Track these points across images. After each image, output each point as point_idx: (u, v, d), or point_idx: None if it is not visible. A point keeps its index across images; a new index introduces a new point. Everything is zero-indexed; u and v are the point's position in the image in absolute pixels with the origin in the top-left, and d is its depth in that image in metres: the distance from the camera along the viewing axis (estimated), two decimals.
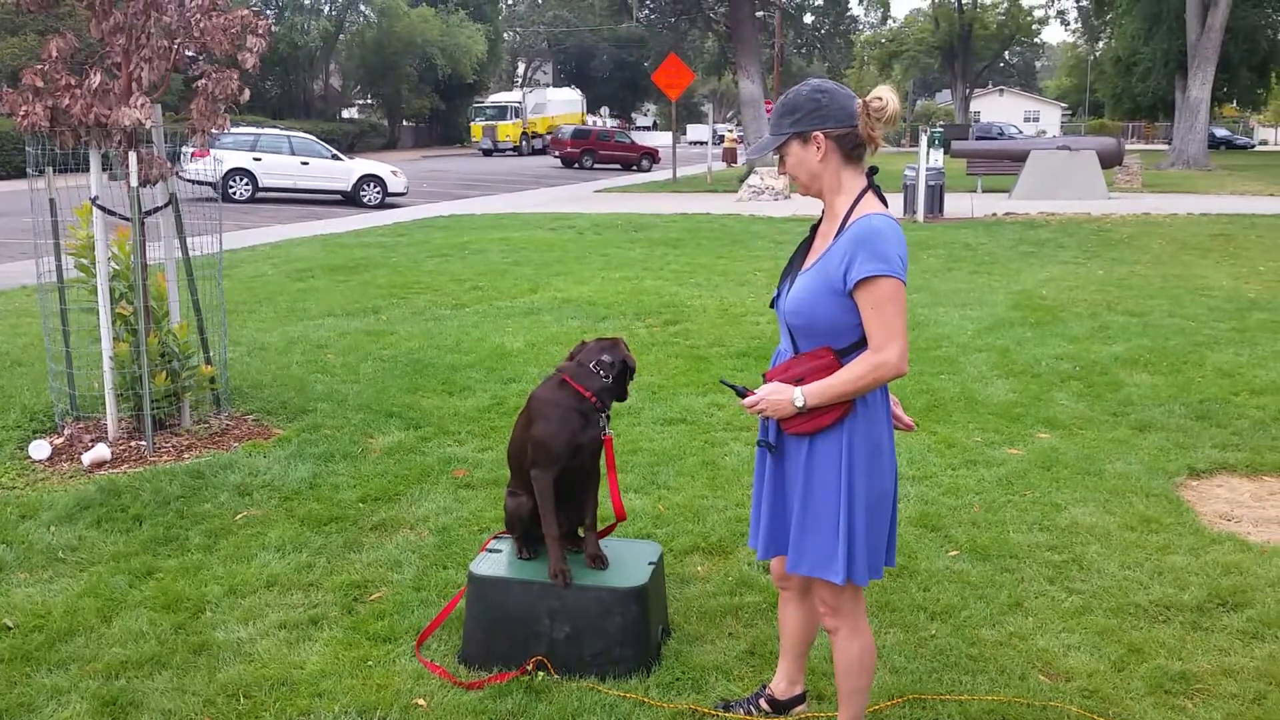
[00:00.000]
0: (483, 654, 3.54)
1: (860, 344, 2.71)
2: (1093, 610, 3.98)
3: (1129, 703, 3.37)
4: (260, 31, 5.70)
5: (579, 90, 66.88)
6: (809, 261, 2.81)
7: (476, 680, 3.45)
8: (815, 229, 2.88)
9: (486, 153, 55.40)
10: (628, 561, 3.66)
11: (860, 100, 2.70)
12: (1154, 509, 4.97)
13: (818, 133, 2.71)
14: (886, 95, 2.67)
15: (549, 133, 55.54)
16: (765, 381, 2.83)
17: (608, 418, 3.58)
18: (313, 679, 3.46)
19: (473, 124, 56.73)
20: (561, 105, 61.07)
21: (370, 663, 3.57)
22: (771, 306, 2.95)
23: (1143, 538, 4.64)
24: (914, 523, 4.80)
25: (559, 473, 3.51)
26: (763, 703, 3.25)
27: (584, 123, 59.14)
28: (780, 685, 3.26)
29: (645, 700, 3.34)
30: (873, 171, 2.82)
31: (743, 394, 2.87)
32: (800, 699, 3.26)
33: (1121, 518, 4.86)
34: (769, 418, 2.84)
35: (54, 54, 5.52)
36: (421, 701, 3.34)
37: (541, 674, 3.45)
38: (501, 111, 56.41)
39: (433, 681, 3.44)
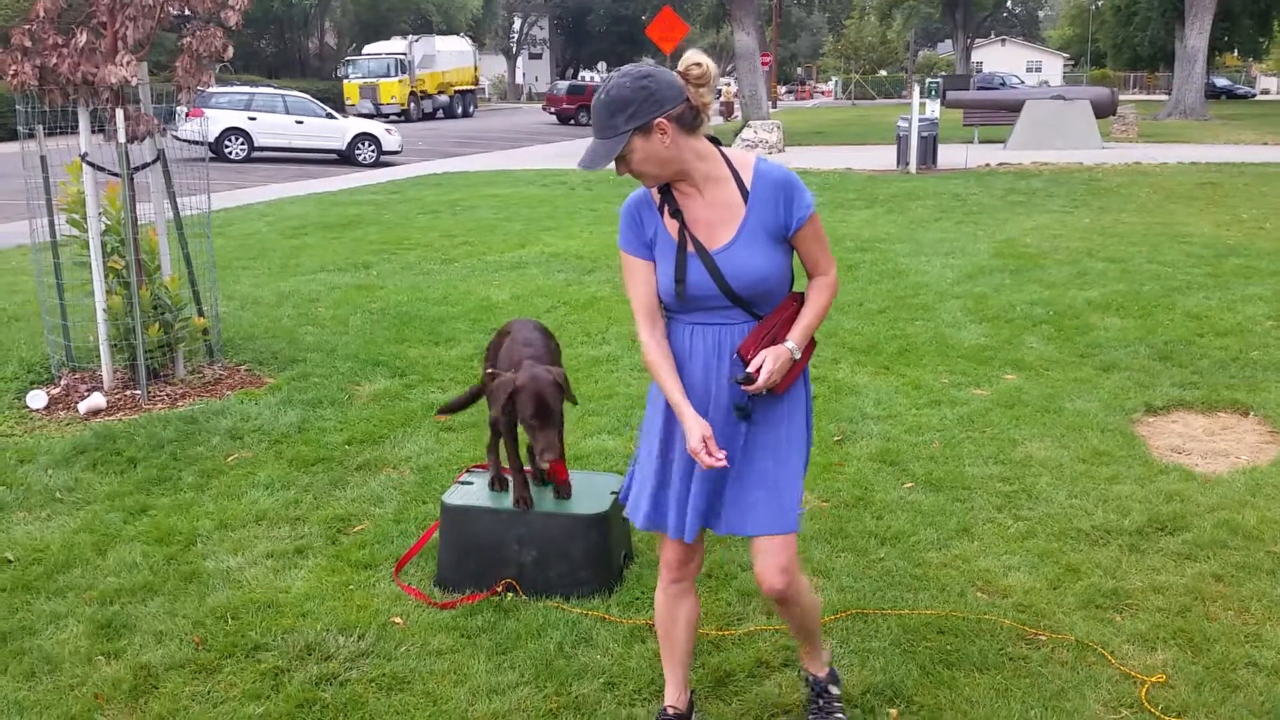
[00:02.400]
0: (456, 577, 3.77)
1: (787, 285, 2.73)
2: (1036, 535, 4.20)
3: (1060, 616, 3.59)
4: None
5: (470, 40, 55.79)
6: (722, 236, 2.64)
7: (450, 600, 3.68)
8: (674, 214, 2.67)
9: (368, 119, 37.48)
10: (592, 491, 3.88)
11: (679, 71, 2.59)
12: (1107, 443, 5.17)
13: (660, 119, 2.53)
14: (702, 59, 2.58)
15: (440, 92, 47.61)
16: (739, 357, 2.66)
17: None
18: (297, 601, 3.69)
19: (346, 83, 44.65)
20: (453, 58, 49.66)
21: (352, 586, 3.81)
22: (676, 298, 2.68)
23: (1093, 469, 4.86)
24: (874, 458, 5.01)
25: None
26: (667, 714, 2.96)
27: (476, 78, 52.33)
28: (680, 698, 2.97)
29: (606, 617, 3.57)
30: (720, 111, 2.68)
31: (750, 380, 2.61)
32: (693, 704, 3.04)
33: (1075, 451, 5.07)
34: (776, 383, 2.64)
35: (41, 14, 5.67)
36: (399, 620, 3.57)
37: (510, 595, 3.68)
38: (383, 67, 44.34)
39: (410, 602, 3.68)
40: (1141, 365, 6.45)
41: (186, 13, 6.19)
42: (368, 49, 48.26)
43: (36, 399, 5.86)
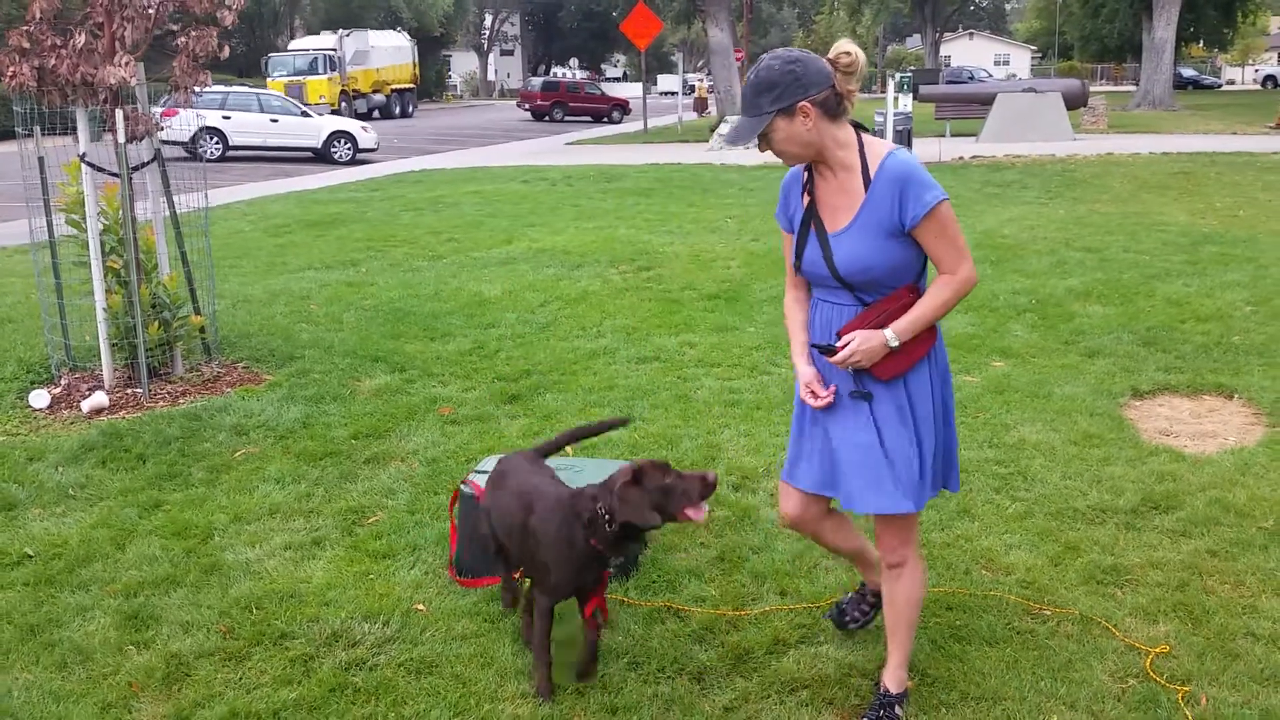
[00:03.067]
0: (473, 565, 3.84)
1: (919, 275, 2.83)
2: (1034, 515, 4.33)
3: (1063, 591, 3.72)
4: None
5: (407, 35, 51.26)
6: (840, 221, 2.79)
7: (471, 581, 3.76)
8: (809, 192, 2.87)
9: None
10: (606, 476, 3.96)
11: (828, 59, 2.72)
12: (1097, 426, 5.31)
13: (804, 103, 2.68)
14: (852, 48, 2.71)
15: (375, 90, 44.17)
16: (837, 341, 2.81)
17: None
18: (319, 591, 3.76)
19: (270, 80, 39.33)
20: (389, 54, 46.04)
21: (372, 576, 3.88)
22: (797, 272, 2.93)
23: (1085, 451, 4.99)
24: None
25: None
26: (870, 597, 3.38)
27: (415, 76, 48.50)
28: (875, 580, 3.33)
29: (625, 600, 3.66)
30: (859, 127, 2.81)
31: (832, 351, 2.79)
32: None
33: (1066, 435, 5.21)
34: (860, 366, 2.78)
35: (38, 15, 5.69)
36: (421, 607, 3.65)
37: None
38: (311, 64, 40.98)
39: (431, 589, 3.76)
40: (1126, 351, 6.60)
41: (179, 14, 6.22)
42: (294, 44, 45.05)
43: (39, 398, 5.88)
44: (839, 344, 2.78)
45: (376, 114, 43.44)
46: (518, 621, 3.53)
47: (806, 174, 2.88)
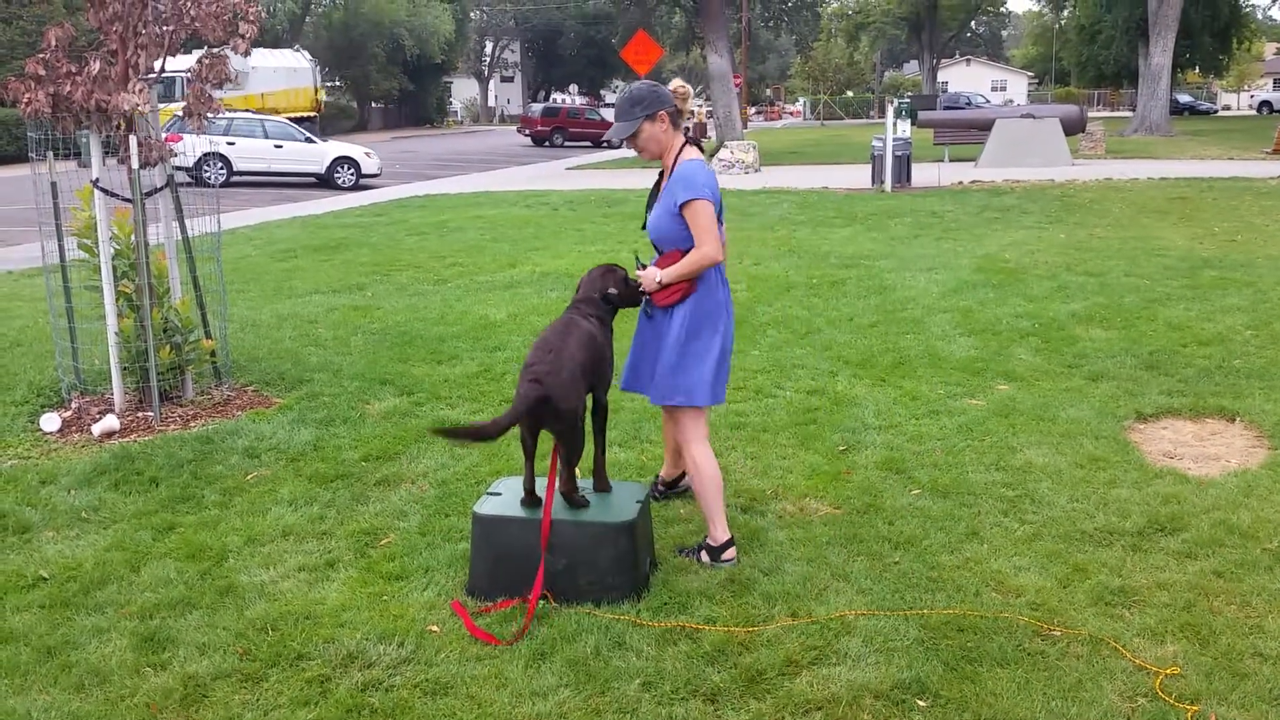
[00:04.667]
0: (488, 586, 3.88)
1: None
2: (1042, 537, 4.36)
3: (1072, 613, 3.75)
4: (252, 18, 5.96)
5: (307, 54, 45.59)
6: (656, 200, 4.19)
7: (484, 607, 3.79)
8: (661, 178, 4.20)
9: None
10: (618, 499, 4.01)
11: (669, 89, 4.16)
12: (1102, 449, 5.35)
13: (661, 111, 4.02)
14: (683, 84, 4.28)
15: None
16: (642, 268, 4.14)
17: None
18: (334, 612, 3.79)
19: None
20: (278, 77, 39.96)
21: (385, 597, 3.91)
22: (643, 229, 4.28)
23: (1090, 474, 5.03)
24: (880, 466, 5.17)
25: None
26: (658, 486, 4.75)
27: (317, 102, 42.81)
28: (665, 470, 4.76)
29: (637, 621, 3.69)
30: (694, 143, 4.14)
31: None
32: (681, 477, 4.71)
33: (1072, 457, 5.25)
34: (644, 291, 4.12)
35: (54, 43, 5.76)
36: (435, 628, 3.68)
37: (542, 601, 3.79)
38: (169, 87, 30.39)
39: (444, 610, 3.78)
40: (1129, 374, 6.65)
41: (190, 40, 6.30)
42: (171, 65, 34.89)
43: (50, 422, 5.92)
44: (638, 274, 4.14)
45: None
46: (530, 643, 3.56)
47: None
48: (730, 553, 4.15)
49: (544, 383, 3.77)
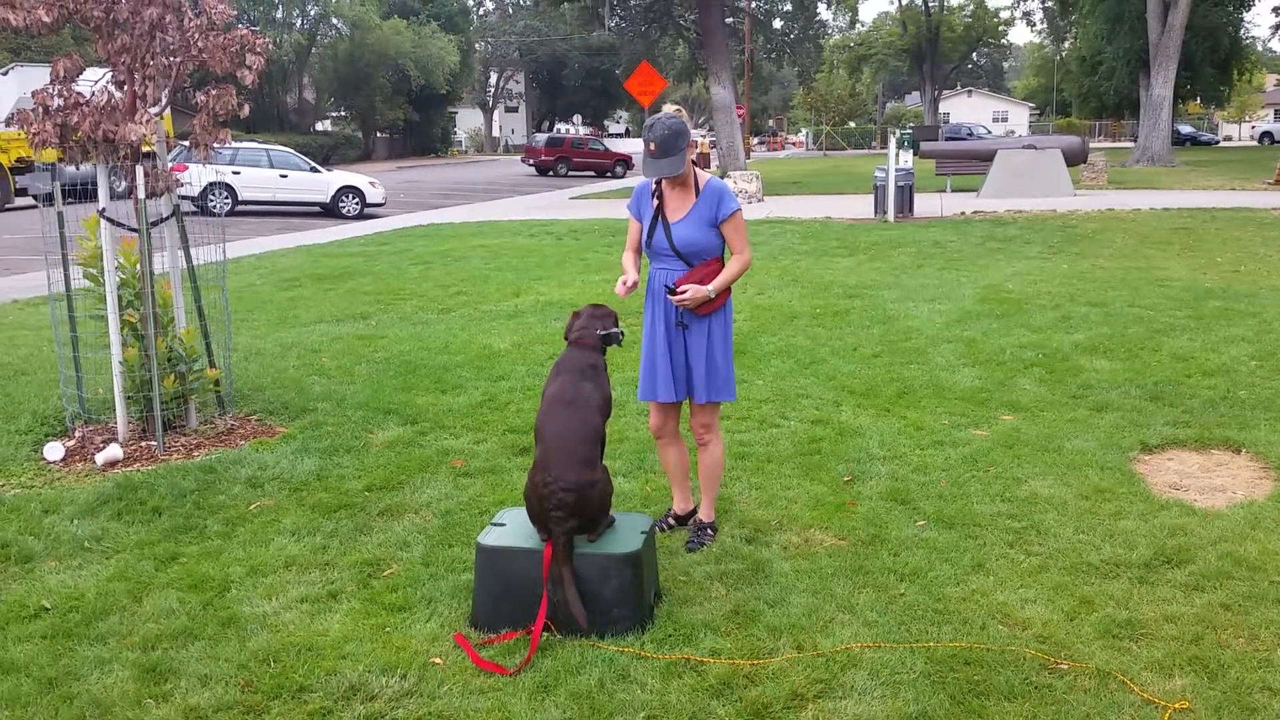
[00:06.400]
0: (491, 618, 3.86)
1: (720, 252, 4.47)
2: (1049, 569, 4.34)
3: (1079, 646, 3.72)
4: (259, 50, 6.01)
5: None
6: (677, 215, 4.41)
7: (487, 639, 3.77)
8: (658, 196, 4.46)
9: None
10: (622, 531, 3.99)
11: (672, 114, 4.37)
12: (1108, 480, 5.34)
13: (691, 139, 4.34)
14: (677, 105, 4.44)
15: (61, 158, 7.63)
16: (677, 288, 4.35)
17: None
18: (336, 644, 3.77)
19: None
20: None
21: (388, 629, 3.89)
22: (647, 248, 4.51)
23: (1096, 505, 5.01)
24: (885, 497, 5.15)
25: None
26: (670, 519, 4.83)
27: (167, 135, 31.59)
28: (680, 505, 4.85)
29: (642, 654, 3.67)
30: (697, 161, 4.40)
31: (673, 291, 4.34)
32: (694, 511, 4.84)
33: (1077, 489, 5.23)
34: (689, 308, 4.37)
35: (61, 74, 5.81)
36: (438, 660, 3.66)
37: (546, 633, 3.77)
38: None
39: (447, 642, 3.76)
40: (1133, 405, 6.64)
41: (198, 71, 6.35)
42: None
43: (53, 451, 5.92)
44: (679, 289, 4.33)
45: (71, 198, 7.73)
46: (533, 675, 3.54)
47: (655, 186, 4.47)
48: None
49: (578, 494, 3.86)
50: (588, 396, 4.08)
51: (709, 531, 4.70)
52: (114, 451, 5.85)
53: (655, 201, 4.47)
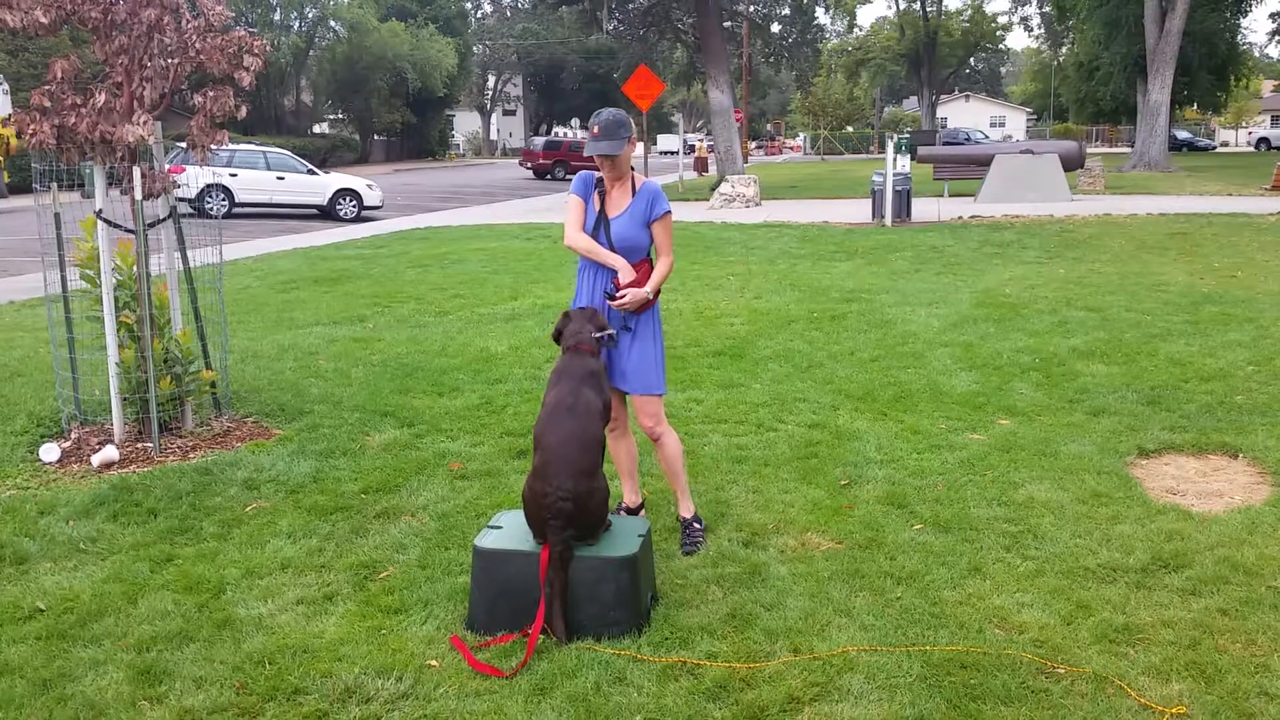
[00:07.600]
0: (488, 621, 3.85)
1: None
2: (1045, 573, 4.34)
3: (1076, 650, 3.72)
4: (257, 51, 6.00)
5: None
6: (615, 211, 4.54)
7: (483, 642, 3.76)
8: (601, 194, 4.57)
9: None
10: (619, 534, 3.99)
11: None
12: (1105, 485, 5.34)
13: (632, 135, 4.46)
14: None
15: None
16: (617, 290, 4.43)
17: None
18: (332, 646, 3.76)
19: None
20: None
21: (384, 631, 3.88)
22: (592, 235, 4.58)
23: (1093, 510, 5.01)
24: (882, 501, 5.15)
25: None
26: (620, 512, 4.84)
27: (6, 145, 27.66)
28: (630, 499, 4.92)
29: (638, 657, 3.66)
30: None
31: (614, 297, 4.42)
32: (643, 505, 4.97)
33: (1074, 493, 5.23)
34: (630, 310, 4.47)
35: (59, 75, 5.80)
36: (434, 663, 3.65)
37: (542, 636, 3.76)
38: None
39: (443, 644, 3.76)
40: (1130, 410, 6.64)
41: (195, 73, 6.34)
42: None
43: (49, 452, 5.90)
44: (619, 294, 4.40)
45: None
46: (530, 678, 3.53)
47: (598, 183, 4.60)
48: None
49: (577, 503, 3.85)
50: (589, 404, 4.07)
51: (696, 525, 4.72)
52: (110, 453, 5.84)
53: (598, 198, 4.59)
